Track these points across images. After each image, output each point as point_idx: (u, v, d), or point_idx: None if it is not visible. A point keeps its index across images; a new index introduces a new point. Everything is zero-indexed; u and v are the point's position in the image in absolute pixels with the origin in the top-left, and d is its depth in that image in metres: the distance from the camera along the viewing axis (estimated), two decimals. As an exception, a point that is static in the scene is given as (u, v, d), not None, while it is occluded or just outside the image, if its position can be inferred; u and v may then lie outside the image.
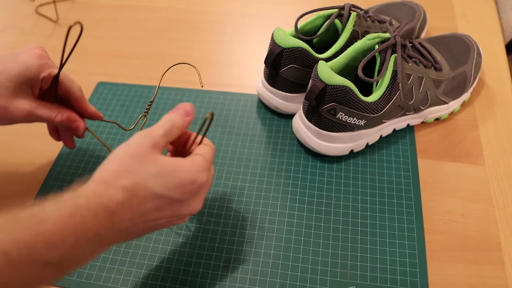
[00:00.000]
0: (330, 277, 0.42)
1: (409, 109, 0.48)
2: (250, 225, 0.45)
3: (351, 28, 0.49)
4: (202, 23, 0.68)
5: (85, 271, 0.43)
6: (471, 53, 0.53)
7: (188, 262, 0.43)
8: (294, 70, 0.49)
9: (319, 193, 0.47)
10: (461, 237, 0.44)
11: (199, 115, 0.55)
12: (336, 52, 0.49)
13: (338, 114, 0.45)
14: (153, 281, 0.42)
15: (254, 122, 0.54)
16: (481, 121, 0.53)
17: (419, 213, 0.45)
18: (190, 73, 0.61)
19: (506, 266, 0.42)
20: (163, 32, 0.67)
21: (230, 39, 0.65)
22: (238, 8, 0.70)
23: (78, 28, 0.64)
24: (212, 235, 0.45)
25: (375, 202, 0.46)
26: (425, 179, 0.48)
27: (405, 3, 0.60)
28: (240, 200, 0.47)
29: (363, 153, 0.50)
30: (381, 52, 0.45)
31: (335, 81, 0.42)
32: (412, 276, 0.41)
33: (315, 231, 0.45)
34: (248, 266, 0.43)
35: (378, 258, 0.43)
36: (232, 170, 0.50)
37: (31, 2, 0.73)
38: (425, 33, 0.63)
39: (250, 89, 0.58)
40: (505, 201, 0.46)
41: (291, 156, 0.51)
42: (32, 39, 0.67)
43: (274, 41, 0.48)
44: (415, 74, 0.47)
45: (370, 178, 0.48)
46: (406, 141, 0.51)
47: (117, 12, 0.71)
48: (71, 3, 0.72)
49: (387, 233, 0.44)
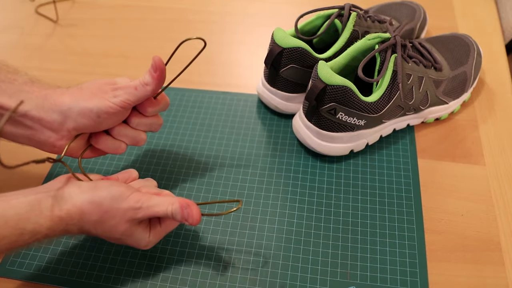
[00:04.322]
0: (330, 277, 0.42)
1: (409, 109, 0.48)
2: (250, 225, 0.45)
3: (351, 28, 0.49)
4: (201, 23, 0.68)
5: (85, 271, 0.43)
6: (471, 53, 0.53)
7: (188, 262, 0.43)
8: (294, 70, 0.49)
9: (319, 193, 0.47)
10: (461, 237, 0.44)
11: (199, 115, 0.55)
12: (336, 52, 0.49)
13: (338, 114, 0.45)
14: (153, 281, 0.42)
15: (254, 122, 0.54)
16: (481, 121, 0.53)
17: (419, 213, 0.45)
18: (190, 73, 0.61)
19: (506, 266, 0.42)
20: (163, 32, 0.67)
21: (230, 39, 0.65)
22: (238, 8, 0.70)
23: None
24: (212, 235, 0.45)
25: (375, 202, 0.46)
26: (425, 179, 0.48)
27: (405, 3, 0.60)
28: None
29: (363, 153, 0.50)
30: (381, 52, 0.45)
31: (335, 81, 0.42)
32: (412, 276, 0.41)
33: (315, 231, 0.45)
34: (248, 266, 0.43)
35: (378, 258, 0.42)
36: (232, 170, 0.50)
37: (31, 2, 0.73)
38: (425, 33, 0.63)
39: (250, 89, 0.58)
40: (505, 201, 0.46)
41: (291, 156, 0.51)
42: (32, 39, 0.67)
43: (274, 41, 0.48)
44: (415, 74, 0.47)
45: (370, 178, 0.48)
46: (406, 141, 0.51)
47: (117, 12, 0.71)
48: (71, 3, 0.72)
49: (387, 233, 0.44)
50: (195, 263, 0.43)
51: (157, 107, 0.41)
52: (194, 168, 0.50)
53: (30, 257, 0.44)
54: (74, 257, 0.44)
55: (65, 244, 0.45)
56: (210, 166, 0.50)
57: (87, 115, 0.37)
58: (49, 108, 0.36)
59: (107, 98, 0.37)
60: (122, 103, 0.37)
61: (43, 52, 0.65)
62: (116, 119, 0.39)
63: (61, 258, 0.44)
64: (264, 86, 0.53)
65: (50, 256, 0.44)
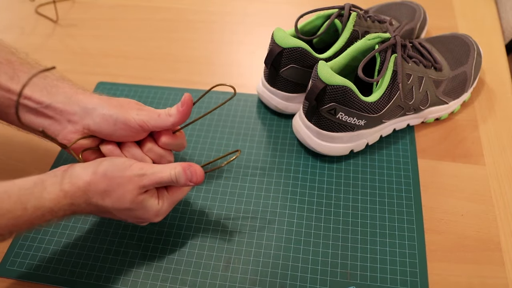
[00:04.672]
0: (330, 277, 0.42)
1: (409, 109, 0.48)
2: (250, 225, 0.45)
3: (351, 28, 0.49)
4: (202, 23, 0.68)
5: (85, 271, 0.43)
6: (471, 53, 0.53)
7: (188, 262, 0.43)
8: (294, 70, 0.49)
9: (319, 193, 0.47)
10: (461, 237, 0.44)
11: (199, 115, 0.55)
12: (336, 52, 0.49)
13: (338, 114, 0.45)
14: (153, 281, 0.42)
15: (254, 122, 0.54)
16: (481, 121, 0.53)
17: (419, 213, 0.45)
18: (190, 73, 0.61)
19: (506, 266, 0.42)
20: (163, 32, 0.67)
21: (230, 39, 0.65)
22: (238, 8, 0.70)
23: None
24: (212, 235, 0.45)
25: (375, 202, 0.46)
26: (425, 179, 0.48)
27: (405, 3, 0.60)
28: (240, 200, 0.47)
29: (363, 153, 0.50)
30: (381, 52, 0.45)
31: (335, 81, 0.42)
32: (412, 276, 0.41)
33: (315, 231, 0.45)
34: (248, 266, 0.43)
35: (378, 258, 0.42)
36: (232, 170, 0.50)
37: (31, 2, 0.73)
38: (425, 33, 0.63)
39: (250, 89, 0.58)
40: (505, 201, 0.46)
41: (291, 156, 0.51)
42: (32, 39, 0.67)
43: (274, 41, 0.48)
44: (415, 74, 0.47)
45: (370, 178, 0.48)
46: (406, 141, 0.51)
47: (117, 12, 0.71)
48: (71, 3, 0.72)
49: (387, 233, 0.44)
50: (195, 263, 0.43)
51: (172, 141, 0.42)
52: (194, 168, 0.50)
53: (30, 257, 0.44)
54: (74, 257, 0.44)
55: (65, 244, 0.45)
56: (210, 166, 0.50)
57: (106, 120, 0.38)
58: (74, 102, 0.38)
59: (130, 113, 0.39)
60: (141, 122, 0.39)
61: (43, 52, 0.65)
62: (130, 135, 0.40)
63: (61, 258, 0.44)
64: (264, 86, 0.53)
65: (50, 256, 0.44)
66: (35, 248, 0.44)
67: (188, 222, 0.46)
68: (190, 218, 0.46)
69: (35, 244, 0.45)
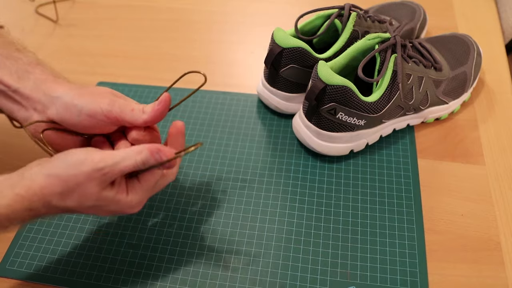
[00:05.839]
0: (330, 277, 0.42)
1: (409, 109, 0.48)
2: (250, 225, 0.45)
3: (351, 28, 0.49)
4: (201, 23, 0.68)
5: (85, 271, 0.43)
6: (471, 53, 0.53)
7: (188, 262, 0.43)
8: (294, 70, 0.49)
9: (319, 193, 0.47)
10: (461, 237, 0.44)
11: (199, 114, 0.55)
12: (336, 52, 0.49)
13: (338, 114, 0.45)
14: (153, 281, 0.42)
15: (254, 122, 0.54)
16: (481, 121, 0.53)
17: (419, 213, 0.45)
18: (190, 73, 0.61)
19: (506, 266, 0.42)
20: (163, 32, 0.67)
21: (230, 39, 0.65)
22: (238, 8, 0.70)
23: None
24: (212, 235, 0.45)
25: (375, 202, 0.46)
26: (425, 179, 0.48)
27: (405, 3, 0.60)
28: (240, 200, 0.47)
29: (363, 153, 0.50)
30: (381, 52, 0.45)
31: (335, 81, 0.42)
32: (412, 276, 0.41)
33: (315, 231, 0.45)
34: (248, 266, 0.43)
35: (378, 258, 0.43)
36: (232, 170, 0.50)
37: (31, 2, 0.73)
38: (425, 33, 0.63)
39: (250, 89, 0.58)
40: (505, 201, 0.46)
41: (291, 156, 0.51)
42: (32, 39, 0.67)
43: (274, 41, 0.48)
44: (415, 74, 0.47)
45: (370, 178, 0.48)
46: (406, 141, 0.51)
47: (117, 12, 0.71)
48: (71, 3, 0.73)
49: (387, 233, 0.44)
50: (195, 263, 0.43)
51: (143, 137, 0.39)
52: (194, 168, 0.50)
53: (30, 257, 0.44)
54: (74, 257, 0.44)
55: (65, 244, 0.45)
56: (210, 166, 0.50)
57: (69, 110, 0.36)
58: (40, 90, 0.37)
59: (100, 103, 0.36)
60: (109, 113, 0.36)
61: (43, 52, 0.65)
62: (97, 127, 0.37)
63: (61, 258, 0.44)
64: (264, 86, 0.53)
65: (50, 256, 0.44)
66: (35, 248, 0.44)
67: (188, 222, 0.46)
68: (190, 218, 0.46)
69: (35, 244, 0.45)
